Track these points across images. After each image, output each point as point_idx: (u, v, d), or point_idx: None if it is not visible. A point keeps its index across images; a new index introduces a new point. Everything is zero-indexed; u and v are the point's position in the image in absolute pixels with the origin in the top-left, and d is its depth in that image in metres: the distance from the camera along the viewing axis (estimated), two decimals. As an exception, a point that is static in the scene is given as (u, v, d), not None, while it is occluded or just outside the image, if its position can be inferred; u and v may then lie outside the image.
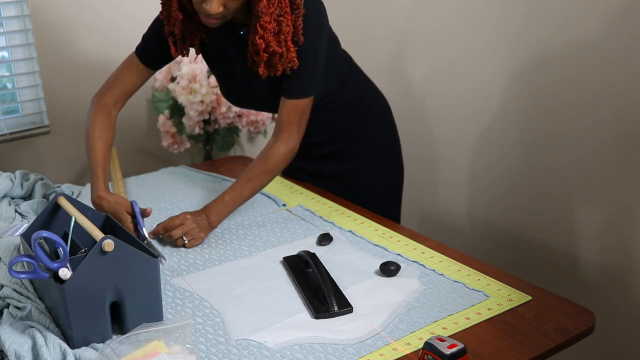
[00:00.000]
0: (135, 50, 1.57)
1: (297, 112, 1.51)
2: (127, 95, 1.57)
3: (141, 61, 1.55)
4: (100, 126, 1.51)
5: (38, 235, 1.03)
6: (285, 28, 1.37)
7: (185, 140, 2.34)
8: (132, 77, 1.56)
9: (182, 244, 1.42)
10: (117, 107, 1.57)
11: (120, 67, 1.58)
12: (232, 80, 1.60)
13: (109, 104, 1.55)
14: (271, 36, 1.36)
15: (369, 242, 1.42)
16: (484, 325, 1.11)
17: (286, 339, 1.08)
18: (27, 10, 2.11)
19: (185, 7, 1.42)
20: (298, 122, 1.52)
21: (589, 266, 1.80)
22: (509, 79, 1.90)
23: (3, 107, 2.17)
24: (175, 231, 1.42)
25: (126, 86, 1.56)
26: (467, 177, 2.13)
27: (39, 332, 1.05)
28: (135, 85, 1.58)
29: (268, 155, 1.52)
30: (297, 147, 1.55)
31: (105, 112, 1.54)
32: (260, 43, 1.36)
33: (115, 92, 1.56)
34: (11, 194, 1.63)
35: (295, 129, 1.52)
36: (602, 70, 1.66)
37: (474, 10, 1.95)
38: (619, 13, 1.59)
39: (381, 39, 2.29)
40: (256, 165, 1.52)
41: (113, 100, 1.55)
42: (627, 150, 1.65)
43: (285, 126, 1.51)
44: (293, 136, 1.52)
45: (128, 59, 1.57)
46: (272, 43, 1.37)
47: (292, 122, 1.51)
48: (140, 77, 1.57)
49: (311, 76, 1.49)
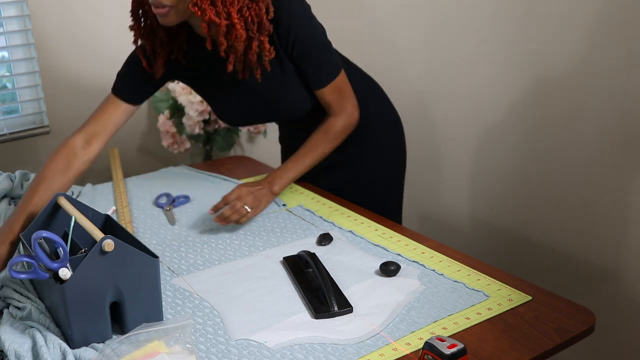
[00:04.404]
0: (112, 90, 1.50)
1: (337, 90, 1.53)
2: (103, 135, 1.47)
3: (120, 98, 1.48)
4: (52, 170, 1.37)
5: (38, 235, 1.03)
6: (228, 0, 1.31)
7: (185, 140, 2.34)
8: (110, 117, 1.48)
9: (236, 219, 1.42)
10: (89, 148, 1.44)
11: (98, 108, 1.50)
12: (225, 97, 1.57)
13: (77, 144, 1.43)
14: (207, 4, 1.29)
15: (369, 242, 1.42)
16: (484, 325, 1.11)
17: (286, 339, 1.08)
18: (27, 10, 2.11)
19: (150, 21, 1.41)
20: (344, 97, 1.55)
21: (589, 266, 1.80)
22: (509, 80, 1.90)
23: (3, 107, 2.17)
24: (235, 203, 1.41)
25: (103, 126, 1.47)
26: (467, 177, 2.13)
27: (39, 332, 1.05)
28: (115, 125, 1.49)
29: (327, 127, 1.55)
30: (357, 115, 1.58)
31: (67, 153, 1.41)
32: (195, 10, 1.30)
33: (88, 132, 1.45)
34: (11, 194, 1.63)
35: (345, 103, 1.55)
36: (603, 71, 1.66)
37: (474, 10, 1.95)
38: (620, 14, 1.59)
39: (381, 40, 2.29)
40: (316, 137, 1.55)
41: (84, 141, 1.44)
42: (627, 151, 1.65)
43: (334, 107, 1.54)
44: (347, 109, 1.55)
45: (105, 99, 1.50)
46: (209, 12, 1.29)
47: (338, 100, 1.54)
48: (121, 115, 1.49)
49: (330, 57, 1.52)
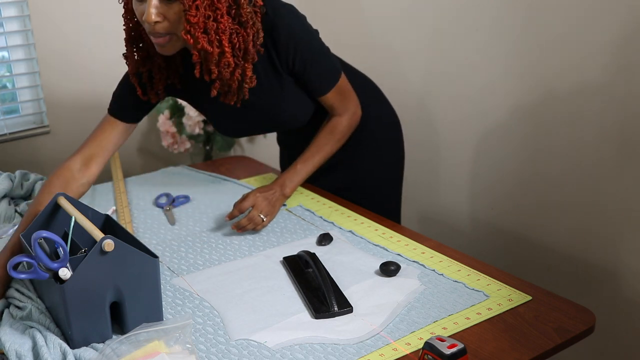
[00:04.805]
0: (108, 111, 1.49)
1: (340, 93, 1.55)
2: (101, 157, 1.45)
3: (118, 118, 1.47)
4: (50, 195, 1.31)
5: (38, 235, 1.03)
6: (210, 24, 1.29)
7: (185, 140, 2.34)
8: (108, 137, 1.47)
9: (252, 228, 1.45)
10: (88, 171, 1.43)
11: (95, 129, 1.49)
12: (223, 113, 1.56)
13: (75, 167, 1.42)
14: (200, 32, 1.28)
15: (369, 242, 1.42)
16: (484, 325, 1.11)
17: (286, 339, 1.08)
18: (27, 11, 2.11)
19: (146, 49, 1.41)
20: (346, 97, 1.57)
21: (589, 266, 1.80)
22: (509, 81, 1.90)
23: (3, 107, 2.17)
24: (252, 213, 1.44)
25: (101, 148, 1.45)
26: (467, 177, 2.13)
27: (39, 332, 1.05)
28: (114, 145, 1.48)
29: (332, 126, 1.57)
30: (359, 112, 1.60)
31: (65, 176, 1.40)
32: (187, 38, 1.28)
33: (86, 154, 1.44)
34: (11, 194, 1.64)
35: (348, 102, 1.57)
36: (604, 72, 1.66)
37: (474, 10, 1.95)
38: (621, 15, 1.59)
39: (380, 42, 2.29)
40: (322, 137, 1.57)
41: (81, 163, 1.42)
42: (627, 152, 1.65)
43: (338, 108, 1.56)
44: (350, 108, 1.58)
45: (102, 120, 1.49)
46: (201, 39, 1.28)
47: (341, 102, 1.56)
48: (119, 135, 1.48)
49: (329, 63, 1.53)
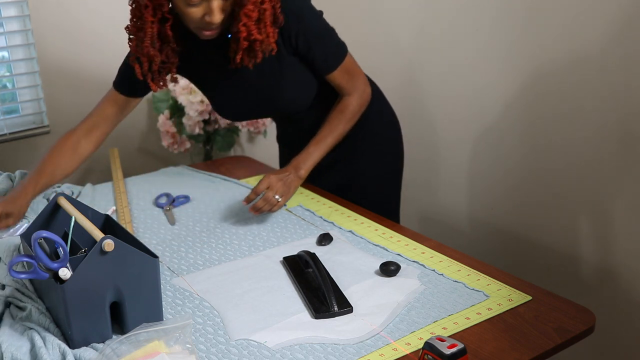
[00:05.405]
0: (113, 85, 1.55)
1: (347, 71, 1.56)
2: (104, 126, 1.55)
3: (122, 93, 1.54)
4: (57, 151, 1.50)
5: (38, 235, 1.03)
6: (266, 15, 1.38)
7: (185, 140, 2.34)
8: (111, 109, 1.55)
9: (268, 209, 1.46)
10: (92, 137, 1.54)
11: (99, 102, 1.56)
12: (227, 91, 1.58)
13: (80, 133, 1.52)
14: (253, 24, 1.37)
15: (369, 242, 1.42)
16: (484, 325, 1.11)
17: (286, 339, 1.08)
18: (27, 11, 2.11)
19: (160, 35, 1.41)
20: (354, 76, 1.57)
21: (589, 266, 1.80)
22: (509, 80, 1.90)
23: (3, 107, 2.17)
24: (267, 193, 1.45)
25: (103, 118, 1.54)
26: (467, 177, 2.13)
27: (38, 333, 1.05)
28: (117, 116, 1.56)
29: (343, 107, 1.58)
30: (369, 90, 1.61)
31: (70, 139, 1.52)
32: (242, 31, 1.36)
33: (89, 123, 1.54)
34: (11, 194, 1.63)
35: (356, 81, 1.58)
36: (603, 71, 1.66)
37: (474, 10, 1.95)
38: (621, 16, 1.59)
39: (379, 40, 2.29)
40: (334, 117, 1.58)
41: (85, 130, 1.53)
42: (627, 151, 1.65)
43: (347, 87, 1.57)
44: (359, 87, 1.58)
45: (107, 94, 1.56)
46: (254, 31, 1.37)
47: (349, 80, 1.57)
48: (121, 108, 1.56)
49: (334, 40, 1.54)
